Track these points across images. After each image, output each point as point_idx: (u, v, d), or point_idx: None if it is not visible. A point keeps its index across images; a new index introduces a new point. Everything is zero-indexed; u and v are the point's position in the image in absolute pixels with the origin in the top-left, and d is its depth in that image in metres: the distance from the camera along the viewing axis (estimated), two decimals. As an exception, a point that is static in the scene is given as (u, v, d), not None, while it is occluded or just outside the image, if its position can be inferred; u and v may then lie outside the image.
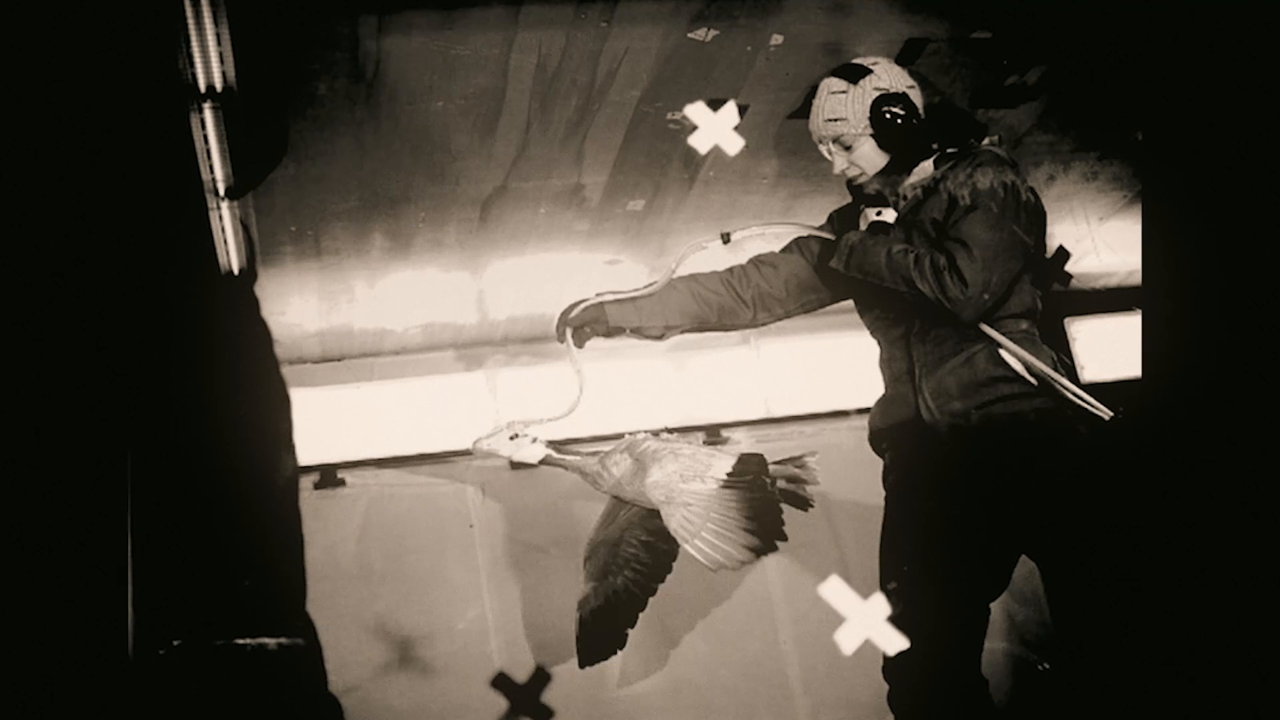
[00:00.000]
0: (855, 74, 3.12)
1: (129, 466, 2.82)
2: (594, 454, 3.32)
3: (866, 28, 3.72)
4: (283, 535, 3.10)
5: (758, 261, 3.32)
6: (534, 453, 3.31)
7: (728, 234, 3.26)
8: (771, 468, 3.34)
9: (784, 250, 3.34)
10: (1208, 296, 2.66)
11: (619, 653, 3.61)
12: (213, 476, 3.01)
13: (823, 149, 3.18)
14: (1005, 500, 3.00)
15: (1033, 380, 3.01)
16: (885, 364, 3.21)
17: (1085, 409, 2.99)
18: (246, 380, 3.15)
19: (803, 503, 3.38)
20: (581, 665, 3.59)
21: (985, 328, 3.01)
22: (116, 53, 2.89)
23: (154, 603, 2.82)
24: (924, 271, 2.95)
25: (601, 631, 3.56)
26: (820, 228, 3.30)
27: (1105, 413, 2.98)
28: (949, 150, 3.13)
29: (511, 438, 3.30)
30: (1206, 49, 2.68)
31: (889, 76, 3.12)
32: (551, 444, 3.36)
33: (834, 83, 3.14)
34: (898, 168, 3.14)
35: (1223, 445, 2.62)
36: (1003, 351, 3.01)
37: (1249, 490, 2.59)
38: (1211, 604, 2.64)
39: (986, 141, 3.14)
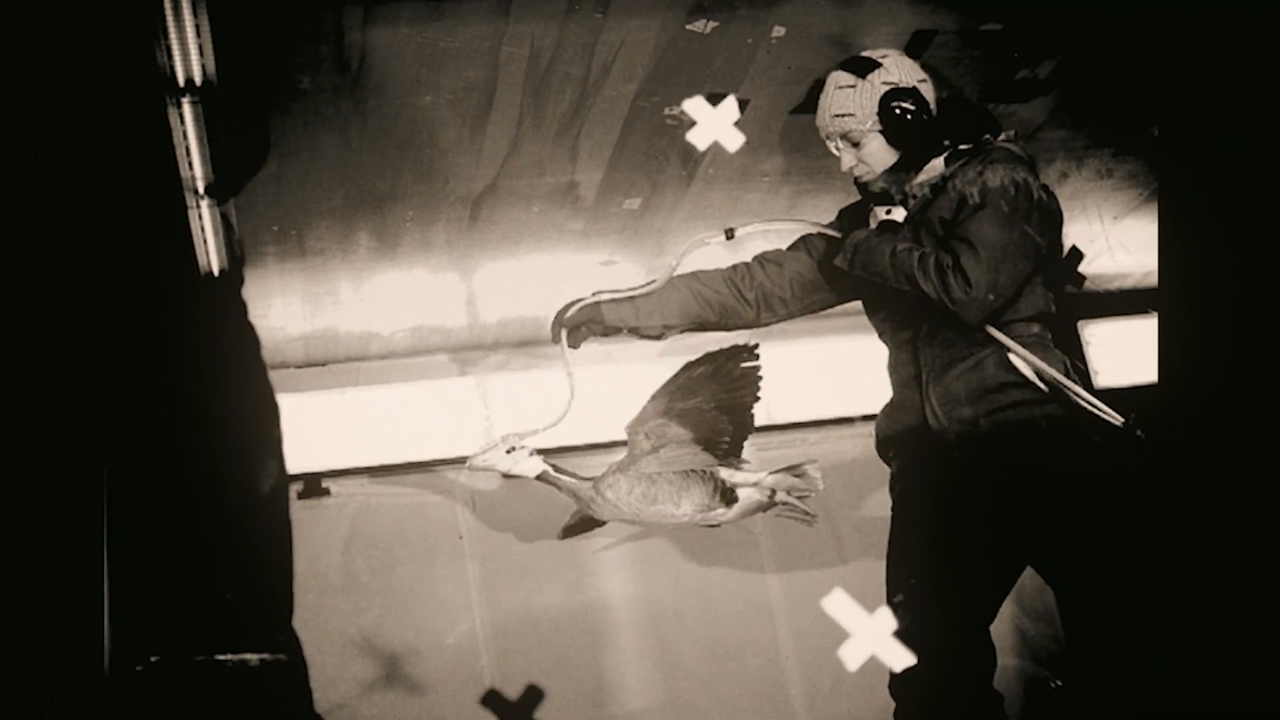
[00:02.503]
0: (864, 67, 3.12)
1: (105, 474, 2.82)
2: (588, 479, 3.33)
3: (872, 19, 3.72)
4: (266, 546, 3.09)
5: (762, 259, 3.32)
6: (531, 467, 3.31)
7: (731, 229, 3.26)
8: (770, 477, 3.34)
9: (791, 248, 3.34)
10: (1226, 298, 2.66)
11: None
12: (193, 484, 3.00)
13: (830, 145, 3.18)
14: (1016, 511, 3.00)
15: (1043, 386, 3.01)
16: (893, 368, 3.21)
17: (1098, 416, 2.99)
18: (229, 385, 3.14)
19: (804, 515, 3.38)
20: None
21: (994, 332, 3.01)
22: (91, 44, 2.89)
23: (131, 616, 2.82)
24: (928, 270, 2.94)
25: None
26: (829, 225, 3.30)
27: (1116, 419, 2.98)
28: (961, 147, 3.13)
29: (508, 451, 3.30)
30: (1224, 40, 2.68)
31: (899, 70, 3.11)
32: (545, 452, 3.37)
33: (841, 76, 3.14)
34: (907, 165, 3.13)
35: (1242, 453, 2.62)
36: (1012, 356, 3.01)
37: (1270, 501, 2.59)
38: (1229, 619, 2.64)
39: (1003, 137, 3.13)
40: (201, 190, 3.56)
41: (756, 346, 3.22)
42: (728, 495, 3.31)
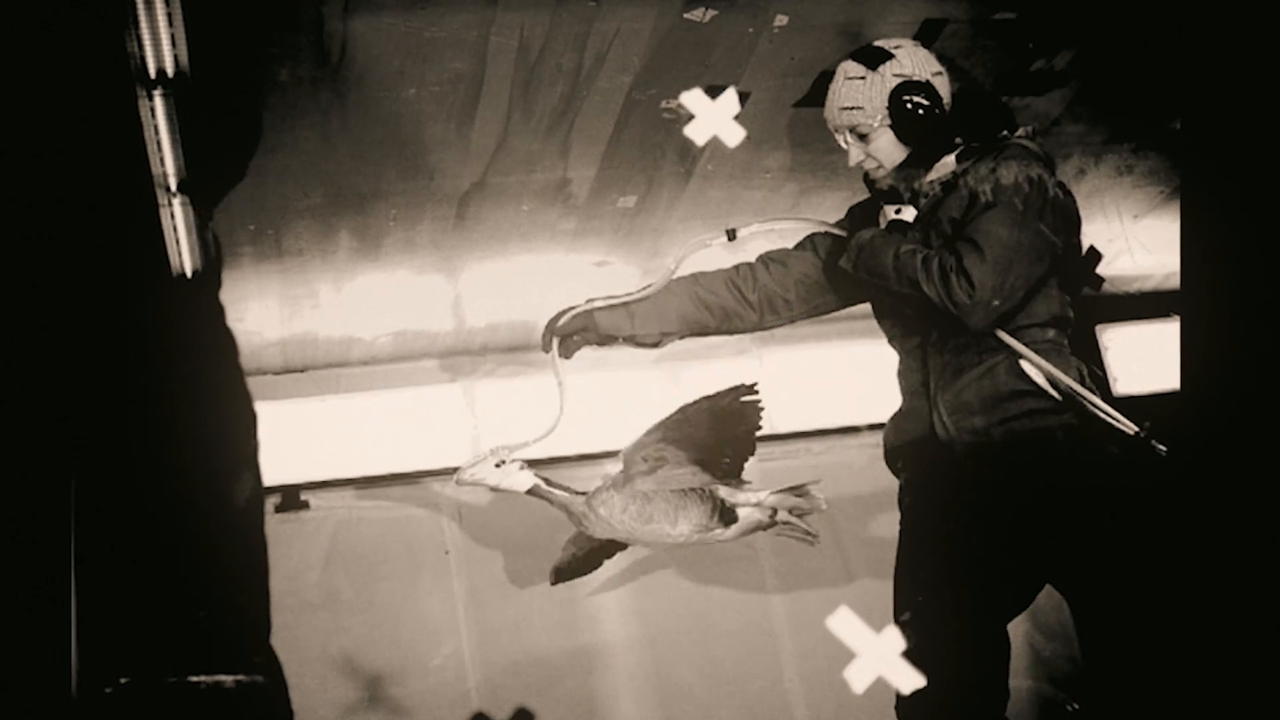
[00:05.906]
0: (875, 58, 3.11)
1: (73, 487, 2.82)
2: (581, 494, 3.34)
3: (880, 7, 3.72)
4: (242, 562, 3.09)
5: (766, 259, 3.32)
6: (521, 481, 3.32)
7: (733, 230, 3.26)
8: (771, 496, 3.35)
9: (796, 248, 3.33)
10: (1252, 301, 2.65)
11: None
12: (165, 497, 3.00)
13: (838, 138, 3.17)
14: (1029, 525, 3.00)
15: (1057, 394, 3.00)
16: (902, 375, 3.21)
17: (1114, 425, 2.99)
18: (203, 393, 3.14)
19: (805, 535, 3.39)
20: None
21: (1006, 337, 3.00)
22: (59, 34, 2.89)
23: (99, 635, 2.82)
24: (931, 273, 2.94)
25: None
26: (837, 224, 3.29)
27: (1130, 428, 2.98)
28: (974, 144, 3.12)
29: (497, 465, 3.31)
30: (1249, 28, 2.68)
31: (912, 62, 3.11)
32: (536, 463, 3.37)
33: (851, 67, 3.13)
34: (918, 161, 3.13)
35: (1268, 464, 2.62)
36: (1024, 363, 3.01)
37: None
38: (1253, 638, 2.64)
39: (1020, 133, 3.13)
40: (174, 187, 3.56)
41: (755, 385, 3.29)
42: (727, 515, 3.31)
